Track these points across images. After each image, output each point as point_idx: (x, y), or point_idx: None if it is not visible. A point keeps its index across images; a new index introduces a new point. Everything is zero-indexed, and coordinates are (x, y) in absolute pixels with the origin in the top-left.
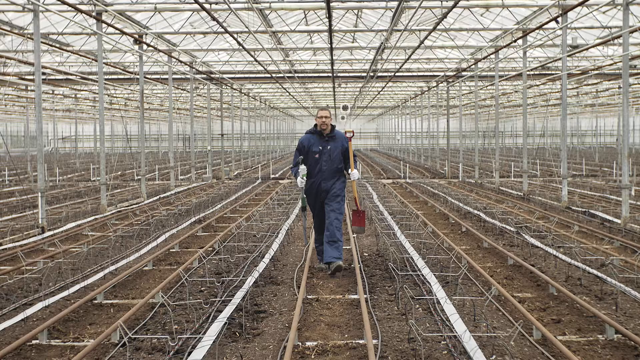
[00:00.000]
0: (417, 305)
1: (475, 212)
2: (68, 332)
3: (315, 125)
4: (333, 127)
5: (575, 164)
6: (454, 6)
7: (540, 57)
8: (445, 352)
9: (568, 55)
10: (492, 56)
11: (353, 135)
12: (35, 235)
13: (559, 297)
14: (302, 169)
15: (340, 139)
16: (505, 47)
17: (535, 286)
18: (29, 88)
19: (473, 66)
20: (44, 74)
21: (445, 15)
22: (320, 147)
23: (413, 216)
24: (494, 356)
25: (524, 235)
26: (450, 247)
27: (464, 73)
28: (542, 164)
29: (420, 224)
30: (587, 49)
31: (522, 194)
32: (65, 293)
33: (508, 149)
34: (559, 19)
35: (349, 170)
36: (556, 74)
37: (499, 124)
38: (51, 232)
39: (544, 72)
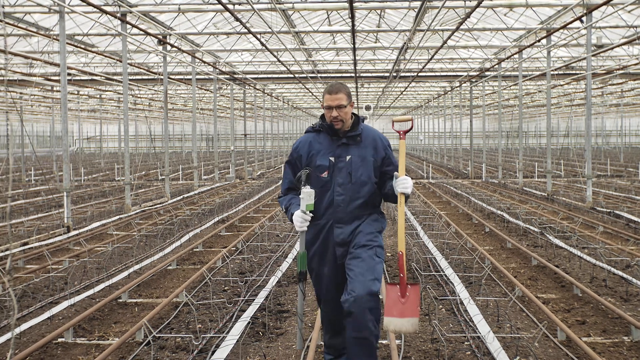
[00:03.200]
0: (441, 306)
1: (499, 212)
2: (93, 331)
3: (323, 117)
4: (358, 119)
5: (600, 164)
6: (477, 6)
7: (564, 57)
8: (469, 352)
9: (593, 55)
10: (516, 56)
11: (412, 127)
12: (61, 235)
13: (583, 298)
14: (307, 193)
15: (372, 142)
16: (529, 46)
17: (560, 287)
18: (54, 88)
19: (496, 66)
20: (69, 74)
21: (468, 15)
22: (332, 159)
23: (436, 216)
24: (517, 357)
25: (548, 235)
26: (474, 248)
27: (487, 73)
28: (566, 164)
29: (443, 224)
30: (612, 48)
31: (545, 194)
32: (90, 292)
33: (532, 149)
34: (584, 19)
35: (394, 178)
36: (580, 73)
37: (523, 124)
38: (76, 232)
39: (568, 72)
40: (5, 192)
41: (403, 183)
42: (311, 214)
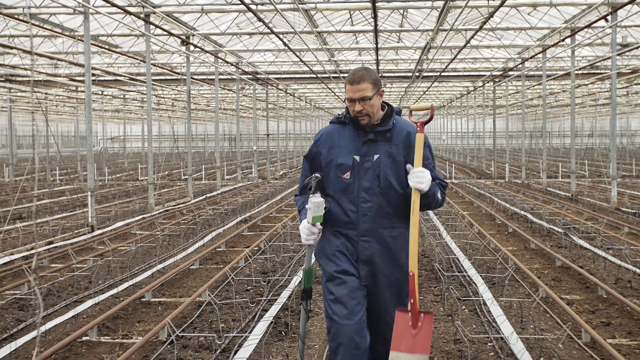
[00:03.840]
0: (463, 306)
1: (522, 212)
2: (117, 329)
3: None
4: (391, 110)
5: (625, 164)
6: (501, 5)
7: (588, 56)
8: (492, 353)
9: (618, 54)
10: (540, 55)
11: (431, 118)
12: (85, 234)
13: (608, 299)
14: (315, 203)
15: (406, 138)
16: (552, 46)
17: (584, 288)
18: (79, 89)
19: (520, 66)
20: (93, 75)
21: (491, 15)
22: (357, 157)
23: (459, 217)
24: (541, 359)
25: (572, 236)
26: (497, 248)
27: (510, 73)
28: (590, 164)
29: (466, 224)
30: (637, 47)
31: (570, 194)
32: (114, 291)
33: (555, 149)
34: (609, 17)
35: (409, 172)
36: (605, 73)
37: (546, 124)
38: (100, 231)
39: (592, 72)
40: (31, 192)
41: (418, 176)
42: (320, 228)
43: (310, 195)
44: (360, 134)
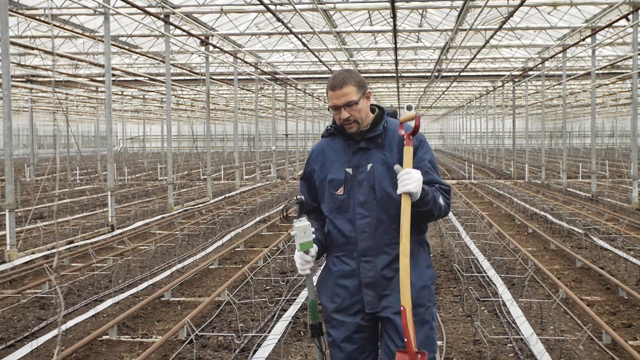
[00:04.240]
0: (483, 307)
1: (542, 213)
2: (137, 328)
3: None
4: (382, 112)
5: None
6: (521, 5)
7: (609, 56)
8: (512, 354)
9: (639, 54)
10: (560, 55)
11: (417, 126)
12: (105, 233)
13: (629, 300)
14: (300, 228)
15: (398, 140)
16: (573, 45)
17: (605, 289)
18: (99, 89)
19: (540, 65)
20: (113, 75)
21: (511, 14)
22: (349, 170)
23: (478, 217)
24: None
25: (592, 237)
26: (516, 249)
27: (530, 72)
28: (611, 164)
29: (485, 225)
30: None
31: (590, 195)
32: (134, 290)
33: (576, 149)
34: (630, 17)
35: (397, 173)
36: (626, 72)
37: (567, 124)
38: (120, 230)
39: (613, 71)
40: (52, 192)
41: (404, 178)
42: (313, 255)
43: (294, 220)
44: (350, 144)
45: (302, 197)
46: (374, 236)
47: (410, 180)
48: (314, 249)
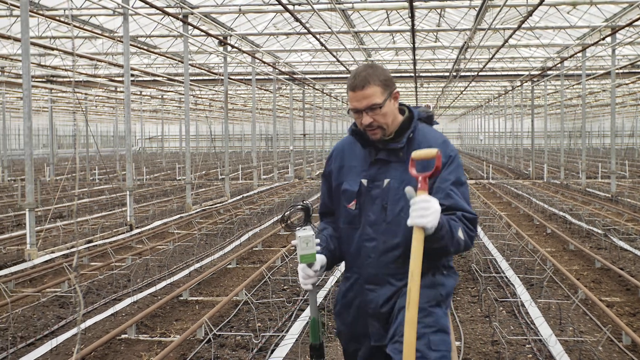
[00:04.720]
0: (501, 308)
1: (561, 213)
2: (155, 328)
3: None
4: (411, 116)
5: None
6: (540, 4)
7: (629, 55)
8: (530, 355)
9: None
10: (579, 54)
11: (437, 170)
12: (124, 233)
13: None
14: (302, 238)
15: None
16: (593, 45)
17: (625, 290)
18: (118, 89)
19: (559, 65)
20: (132, 75)
21: (530, 14)
22: (364, 181)
23: (496, 217)
24: None
25: (612, 237)
26: (535, 249)
27: (549, 72)
28: (631, 164)
29: (503, 225)
30: None
31: (610, 195)
32: (152, 289)
33: (595, 149)
34: None
35: (409, 196)
36: None
37: (586, 124)
38: (139, 230)
39: (633, 71)
40: (71, 191)
41: (419, 207)
42: (317, 269)
43: (297, 229)
44: (370, 151)
45: (308, 203)
46: (379, 263)
47: (427, 211)
48: (318, 262)
